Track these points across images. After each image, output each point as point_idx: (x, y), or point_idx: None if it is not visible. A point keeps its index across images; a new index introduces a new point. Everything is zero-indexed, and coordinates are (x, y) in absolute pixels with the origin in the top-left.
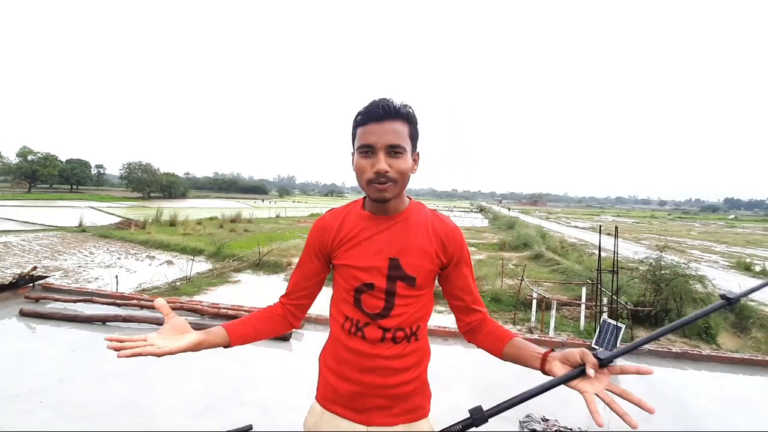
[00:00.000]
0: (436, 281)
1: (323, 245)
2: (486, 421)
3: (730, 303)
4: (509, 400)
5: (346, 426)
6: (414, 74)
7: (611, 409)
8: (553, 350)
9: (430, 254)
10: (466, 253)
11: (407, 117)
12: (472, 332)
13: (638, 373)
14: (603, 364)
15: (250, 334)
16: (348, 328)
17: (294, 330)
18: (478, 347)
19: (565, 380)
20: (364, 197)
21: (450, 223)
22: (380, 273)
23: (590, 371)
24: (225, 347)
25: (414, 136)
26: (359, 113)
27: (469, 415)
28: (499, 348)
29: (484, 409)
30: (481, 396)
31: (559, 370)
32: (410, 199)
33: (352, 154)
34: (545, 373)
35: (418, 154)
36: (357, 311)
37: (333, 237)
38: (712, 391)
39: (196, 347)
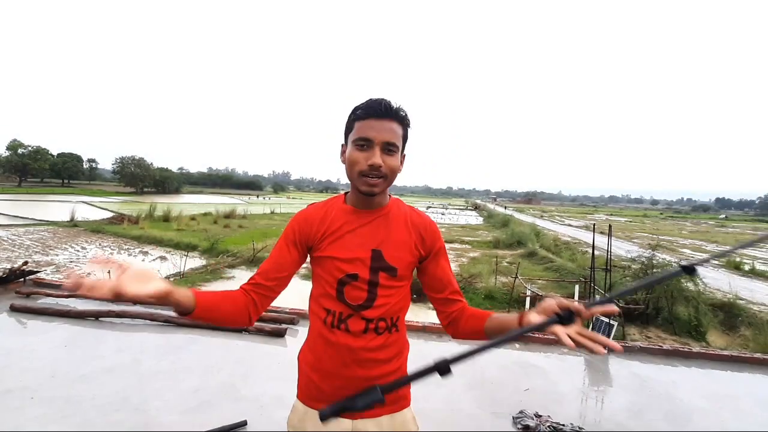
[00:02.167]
0: (415, 275)
1: (306, 236)
2: (449, 370)
3: (686, 271)
4: (477, 347)
5: (331, 421)
6: (410, 72)
7: (580, 342)
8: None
9: (409, 246)
10: (443, 245)
11: (403, 119)
12: (454, 323)
13: (604, 312)
14: (580, 313)
15: (213, 310)
16: (330, 322)
17: (289, 326)
18: (461, 338)
19: (544, 325)
20: (346, 193)
21: (427, 217)
22: (363, 264)
23: (562, 329)
24: (186, 313)
25: (405, 138)
26: (360, 107)
27: (433, 364)
28: (481, 326)
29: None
30: (475, 392)
31: (536, 320)
32: (390, 195)
33: (343, 145)
34: (522, 325)
35: (404, 156)
36: (339, 304)
37: (316, 229)
38: (701, 387)
39: (164, 296)
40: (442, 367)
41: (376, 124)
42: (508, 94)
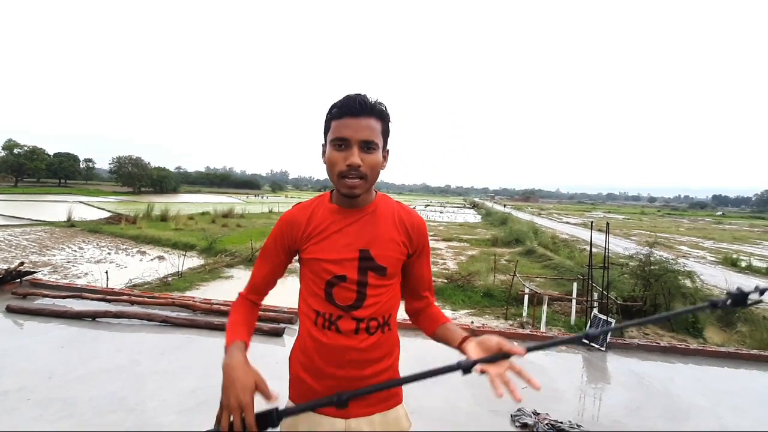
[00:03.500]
0: None
1: (292, 239)
2: (346, 405)
3: (716, 306)
4: (382, 383)
5: (324, 420)
6: (410, 70)
7: (504, 385)
8: (474, 334)
9: (398, 244)
10: (428, 244)
11: (381, 114)
12: (414, 315)
13: (512, 352)
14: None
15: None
16: (321, 324)
17: (287, 325)
18: (418, 327)
19: (472, 365)
20: (332, 191)
21: (416, 214)
22: (351, 265)
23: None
24: None
25: (386, 133)
26: (335, 106)
27: (336, 398)
28: (432, 329)
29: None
30: (473, 390)
31: (473, 351)
32: (376, 192)
33: (323, 145)
34: (461, 350)
35: (387, 151)
36: (329, 305)
37: (302, 231)
38: (699, 384)
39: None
40: (341, 401)
41: (352, 122)
42: (506, 93)
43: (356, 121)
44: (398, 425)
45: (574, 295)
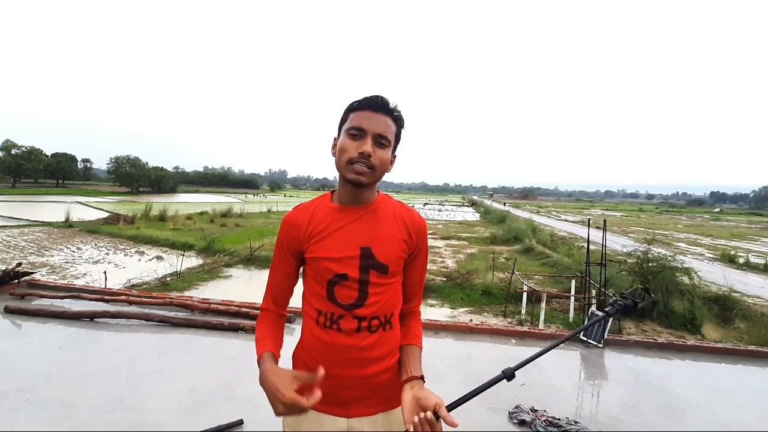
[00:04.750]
0: None
1: (294, 241)
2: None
3: (507, 377)
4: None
5: (327, 420)
6: (408, 69)
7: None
8: (422, 379)
9: (399, 242)
10: (426, 247)
11: (398, 119)
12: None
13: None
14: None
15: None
16: (323, 323)
17: (285, 325)
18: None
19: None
20: (332, 191)
21: (417, 215)
22: (353, 263)
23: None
24: None
25: (398, 137)
26: (357, 100)
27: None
28: (400, 343)
29: None
30: (471, 387)
31: (406, 401)
32: (379, 192)
33: (335, 138)
34: (403, 387)
35: (395, 156)
36: (331, 304)
37: (303, 231)
38: (696, 380)
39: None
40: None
41: (371, 115)
42: (505, 91)
43: (375, 115)
44: (400, 425)
45: (572, 292)
